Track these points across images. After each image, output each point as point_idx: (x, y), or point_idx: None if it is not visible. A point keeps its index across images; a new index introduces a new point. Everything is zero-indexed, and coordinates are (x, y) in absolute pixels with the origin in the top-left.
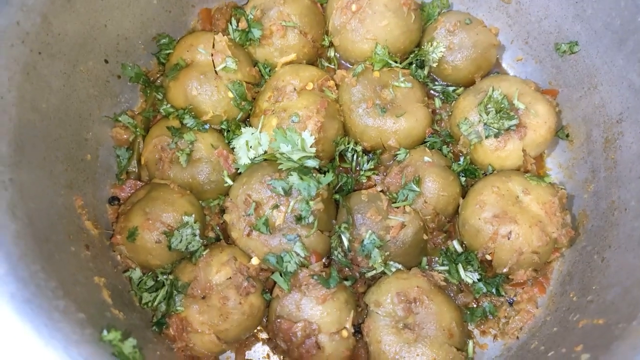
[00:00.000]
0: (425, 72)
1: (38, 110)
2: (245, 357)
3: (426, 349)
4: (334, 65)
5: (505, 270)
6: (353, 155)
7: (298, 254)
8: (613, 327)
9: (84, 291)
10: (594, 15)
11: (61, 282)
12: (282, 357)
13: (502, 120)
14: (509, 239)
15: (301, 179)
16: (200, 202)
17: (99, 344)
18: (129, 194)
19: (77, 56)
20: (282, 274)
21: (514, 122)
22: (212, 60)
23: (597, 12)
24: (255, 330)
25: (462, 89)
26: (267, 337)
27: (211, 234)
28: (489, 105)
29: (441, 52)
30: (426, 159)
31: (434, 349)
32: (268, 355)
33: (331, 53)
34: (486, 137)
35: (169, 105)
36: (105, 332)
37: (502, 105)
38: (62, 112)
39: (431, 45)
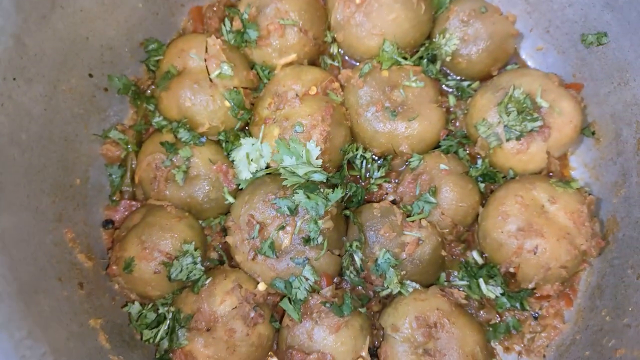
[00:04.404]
0: (438, 66)
1: (18, 143)
2: None
3: None
4: (338, 62)
5: (531, 285)
6: (362, 162)
7: (308, 279)
8: None
9: (78, 344)
10: (628, 4)
11: (51, 343)
12: None
13: (525, 122)
14: (535, 253)
15: (308, 197)
16: (200, 222)
17: None
18: (124, 216)
19: (58, 75)
20: (292, 302)
21: (537, 123)
22: (206, 66)
23: (632, 0)
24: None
25: (477, 83)
26: None
27: (213, 255)
28: (510, 105)
29: (455, 44)
30: (442, 166)
31: None
32: None
33: (334, 50)
34: (507, 140)
35: (161, 118)
36: None
37: (524, 105)
38: (45, 138)
39: (443, 38)
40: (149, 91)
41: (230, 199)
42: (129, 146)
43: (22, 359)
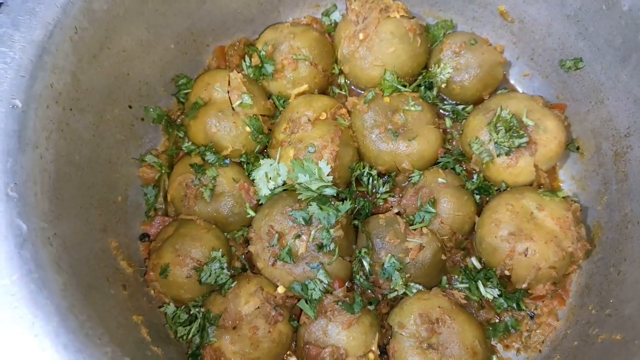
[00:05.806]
0: (434, 92)
1: (73, 163)
2: None
3: None
4: (345, 91)
5: (524, 285)
6: (369, 179)
7: (322, 281)
8: (630, 344)
9: (126, 332)
10: (596, 33)
11: (106, 327)
12: None
13: (512, 139)
14: (525, 255)
15: (320, 208)
16: (225, 234)
17: None
18: (158, 230)
19: (104, 106)
20: (308, 302)
21: (523, 139)
22: (229, 97)
23: (598, 30)
24: (285, 356)
25: (471, 106)
26: None
27: (237, 264)
28: (499, 125)
29: (448, 73)
30: (440, 180)
31: None
32: None
33: (342, 80)
34: (497, 155)
35: (190, 143)
36: None
37: (511, 124)
38: (93, 160)
39: (438, 67)
40: (179, 120)
41: (252, 213)
42: (162, 168)
43: (86, 336)
